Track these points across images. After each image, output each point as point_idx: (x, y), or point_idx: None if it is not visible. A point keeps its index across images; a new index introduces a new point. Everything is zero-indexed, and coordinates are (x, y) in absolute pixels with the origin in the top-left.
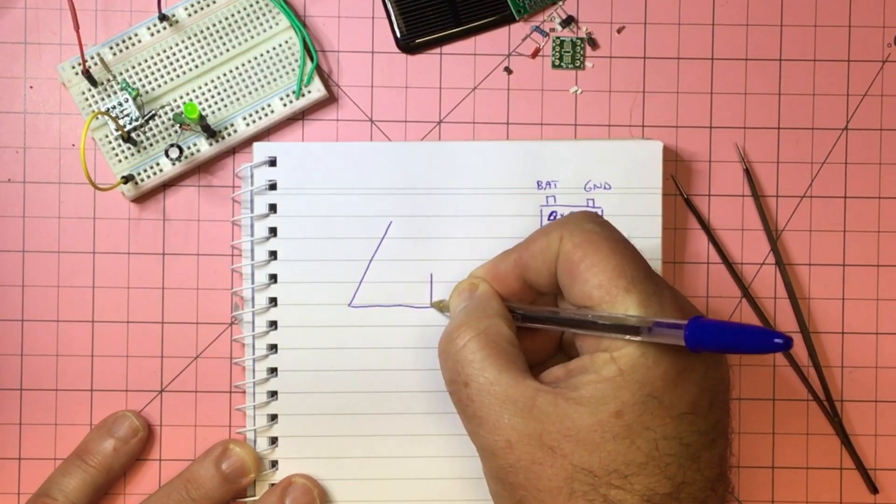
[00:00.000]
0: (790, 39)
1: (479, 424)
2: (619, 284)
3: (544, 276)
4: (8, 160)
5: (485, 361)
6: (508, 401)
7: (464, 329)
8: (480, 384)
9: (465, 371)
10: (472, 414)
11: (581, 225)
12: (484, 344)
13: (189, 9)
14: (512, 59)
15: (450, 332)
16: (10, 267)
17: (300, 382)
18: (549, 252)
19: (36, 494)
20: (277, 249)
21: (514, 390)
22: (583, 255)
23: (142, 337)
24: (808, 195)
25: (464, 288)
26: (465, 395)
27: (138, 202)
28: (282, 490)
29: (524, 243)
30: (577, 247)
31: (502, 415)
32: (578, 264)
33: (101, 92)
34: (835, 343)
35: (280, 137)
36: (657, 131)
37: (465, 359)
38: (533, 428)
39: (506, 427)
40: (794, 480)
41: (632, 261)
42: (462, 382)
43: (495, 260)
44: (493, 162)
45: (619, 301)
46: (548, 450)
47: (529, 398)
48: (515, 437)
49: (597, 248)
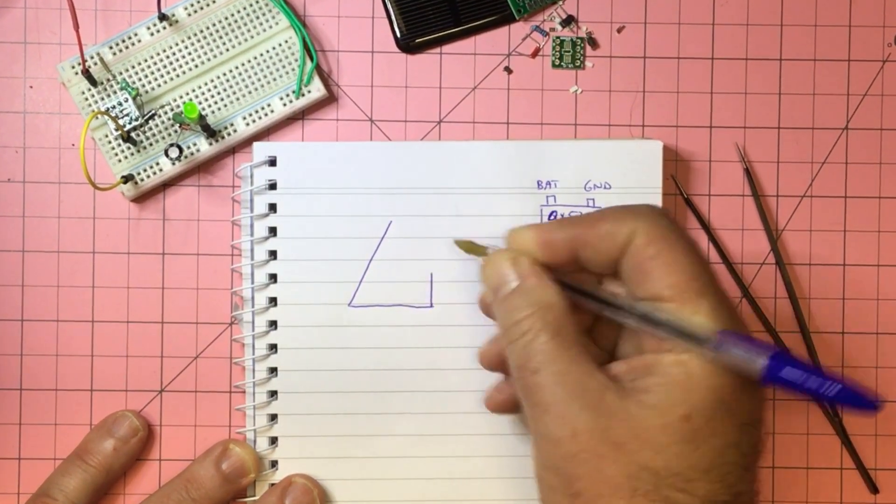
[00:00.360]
0: (790, 39)
1: (545, 412)
2: (693, 287)
3: (603, 258)
4: (8, 160)
5: (556, 351)
6: (579, 393)
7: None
8: (551, 373)
9: (537, 359)
10: (538, 401)
11: (657, 220)
12: (555, 333)
13: (189, 8)
14: (512, 58)
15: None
16: (10, 267)
17: (300, 382)
18: (618, 239)
19: (36, 494)
20: (277, 249)
21: (586, 383)
22: (657, 252)
23: (142, 337)
24: (808, 195)
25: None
26: (532, 381)
27: (138, 202)
28: (282, 490)
29: (588, 221)
30: (653, 242)
31: (571, 406)
32: (652, 260)
33: (100, 92)
34: (835, 343)
35: (280, 137)
36: (657, 131)
37: (535, 348)
38: (600, 422)
39: (573, 417)
40: (794, 480)
41: (703, 264)
42: (531, 369)
43: (549, 227)
44: (493, 162)
45: (690, 304)
46: (613, 445)
47: (599, 392)
48: (582, 426)
49: (672, 246)
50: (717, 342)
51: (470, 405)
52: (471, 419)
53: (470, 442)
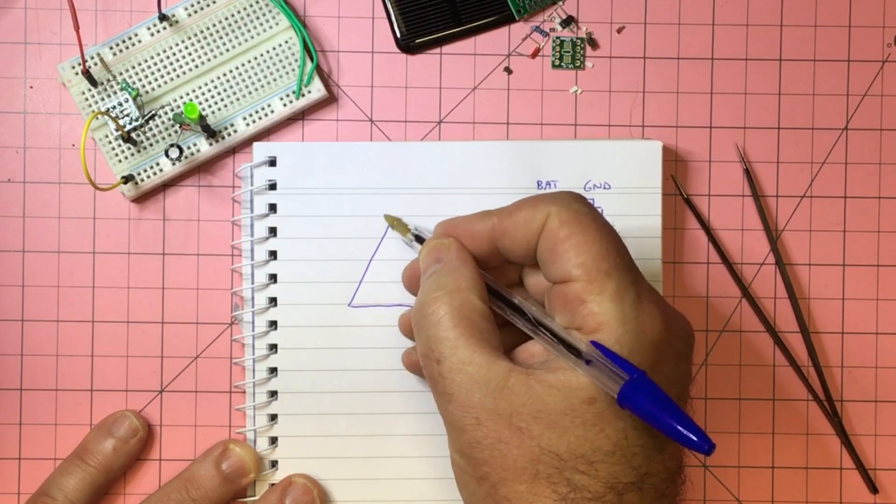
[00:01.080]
0: (790, 39)
1: (449, 400)
2: (602, 267)
3: (521, 246)
4: (8, 160)
5: (458, 340)
6: (481, 381)
7: (438, 304)
8: (453, 363)
9: (438, 348)
10: (442, 389)
11: (570, 204)
12: (458, 321)
13: (189, 9)
14: (512, 59)
15: (422, 304)
16: (10, 267)
17: (300, 382)
18: (534, 224)
19: (36, 494)
20: (277, 249)
21: (488, 371)
22: (569, 234)
23: (142, 337)
24: (808, 195)
25: (433, 247)
26: (436, 370)
27: (138, 202)
28: (282, 490)
29: (506, 210)
30: (565, 224)
31: (473, 393)
32: (564, 242)
33: (101, 92)
34: (835, 343)
35: (280, 137)
36: (657, 131)
37: (437, 336)
38: (503, 408)
39: (476, 405)
40: (794, 480)
41: (615, 246)
42: (434, 359)
43: (471, 218)
44: (493, 162)
45: (597, 283)
46: (516, 430)
47: (502, 378)
48: (485, 415)
49: (584, 228)
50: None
51: None
52: None
53: None
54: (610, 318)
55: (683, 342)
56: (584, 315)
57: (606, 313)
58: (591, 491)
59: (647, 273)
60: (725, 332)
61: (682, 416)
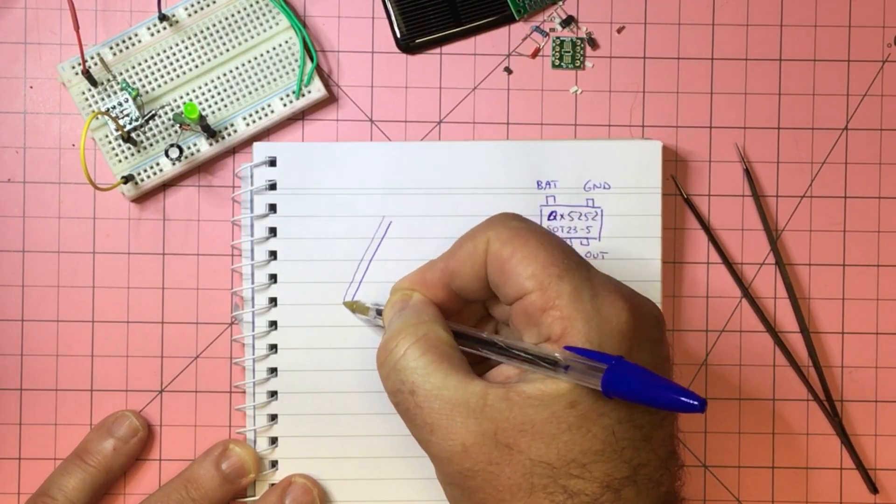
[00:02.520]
0: (790, 39)
1: (431, 431)
2: (552, 273)
3: (473, 281)
4: (8, 160)
5: (429, 367)
6: (459, 404)
7: (402, 337)
8: (428, 390)
9: (410, 379)
10: (421, 422)
11: (505, 223)
12: (425, 349)
13: (189, 9)
14: (512, 59)
15: (386, 341)
16: (10, 267)
17: (300, 382)
18: (477, 255)
19: (36, 494)
20: (277, 249)
21: (464, 392)
22: (512, 251)
23: (142, 337)
24: (808, 195)
25: (396, 300)
26: (412, 403)
27: (138, 202)
28: (282, 490)
29: (450, 251)
30: (506, 243)
31: (454, 418)
32: (509, 260)
33: (101, 92)
34: (835, 343)
35: (280, 137)
36: (657, 131)
37: (407, 367)
38: (487, 427)
39: (459, 430)
40: (794, 480)
41: (561, 251)
42: (408, 391)
43: (421, 270)
44: (493, 162)
45: (552, 289)
46: (504, 448)
47: (480, 398)
48: (470, 439)
49: (525, 241)
50: (566, 364)
51: None
52: None
53: None
54: (574, 318)
55: (654, 327)
56: (548, 323)
57: (569, 315)
58: (588, 493)
59: (647, 273)
60: (725, 332)
61: (667, 383)
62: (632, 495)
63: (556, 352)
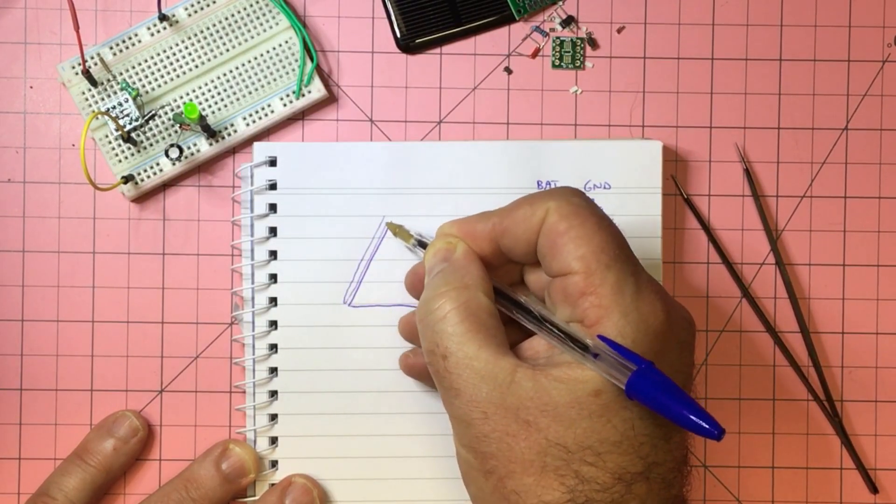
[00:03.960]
0: (790, 39)
1: (456, 395)
2: (601, 259)
3: (522, 244)
4: (8, 160)
5: (465, 335)
6: (488, 376)
7: (444, 299)
8: (459, 358)
9: (444, 344)
10: (448, 385)
11: (569, 198)
12: (464, 317)
13: (189, 9)
14: (512, 59)
15: (428, 300)
16: (10, 267)
17: (300, 382)
18: (533, 220)
19: (36, 494)
20: (277, 249)
21: (494, 366)
22: (568, 227)
23: (142, 337)
24: (808, 195)
25: (441, 247)
26: (442, 366)
27: (138, 202)
28: (282, 490)
29: (506, 209)
30: (564, 218)
31: (480, 388)
32: (563, 235)
33: (101, 92)
34: (835, 343)
35: (280, 137)
36: (657, 131)
37: (444, 331)
38: (511, 402)
39: (483, 400)
40: (794, 480)
41: (616, 239)
42: (441, 354)
43: (472, 219)
44: (493, 162)
45: (599, 275)
46: (523, 423)
47: (508, 374)
48: (492, 409)
49: (583, 221)
50: (596, 353)
51: None
52: None
53: None
54: (612, 309)
55: (685, 331)
56: (584, 307)
57: (608, 305)
58: (600, 482)
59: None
60: (725, 332)
61: (691, 403)
62: (642, 492)
63: (589, 338)
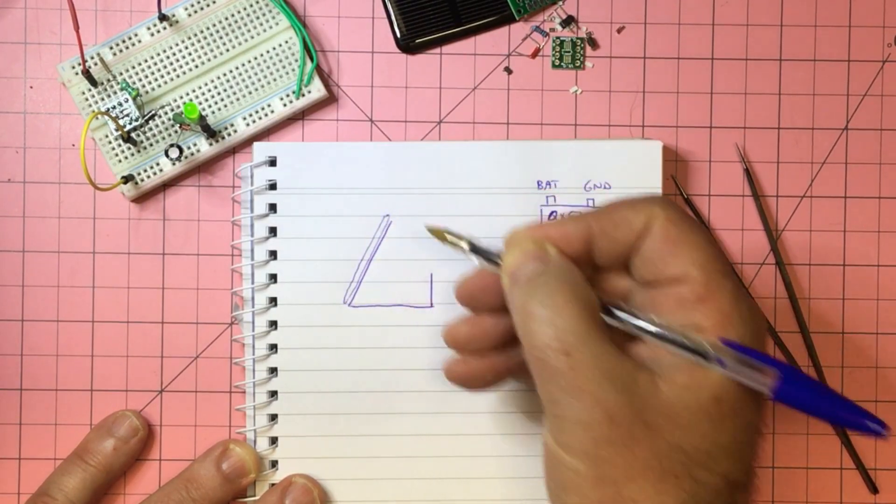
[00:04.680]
0: (790, 39)
1: (578, 395)
2: (717, 268)
3: (617, 246)
4: (8, 160)
5: (589, 333)
6: (614, 377)
7: (560, 296)
8: (585, 356)
9: (568, 340)
10: (568, 384)
11: (673, 206)
12: (587, 314)
13: (189, 9)
14: (512, 59)
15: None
16: (10, 267)
17: (300, 382)
18: (635, 224)
19: (36, 494)
20: (277, 249)
21: (618, 366)
22: (680, 233)
23: (142, 337)
24: (808, 195)
25: (531, 250)
26: (563, 363)
27: (138, 202)
28: (282, 490)
29: (602, 211)
30: (676, 224)
31: (606, 389)
32: (678, 240)
33: (101, 92)
34: (835, 343)
35: (280, 137)
36: (657, 131)
37: (564, 326)
38: (636, 403)
39: (609, 401)
40: (794, 480)
41: (720, 251)
42: (562, 351)
43: (563, 221)
44: (493, 162)
45: (717, 282)
46: (646, 427)
47: (631, 375)
48: (617, 411)
49: (692, 229)
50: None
51: (470, 405)
52: (471, 419)
53: (470, 442)
54: (732, 316)
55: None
56: (704, 314)
57: (728, 312)
58: (712, 486)
59: None
60: None
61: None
62: (745, 499)
63: (710, 344)
